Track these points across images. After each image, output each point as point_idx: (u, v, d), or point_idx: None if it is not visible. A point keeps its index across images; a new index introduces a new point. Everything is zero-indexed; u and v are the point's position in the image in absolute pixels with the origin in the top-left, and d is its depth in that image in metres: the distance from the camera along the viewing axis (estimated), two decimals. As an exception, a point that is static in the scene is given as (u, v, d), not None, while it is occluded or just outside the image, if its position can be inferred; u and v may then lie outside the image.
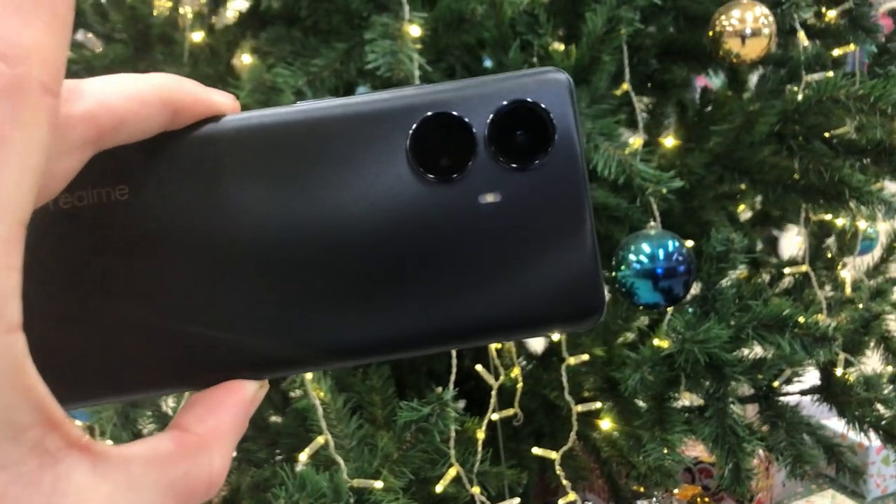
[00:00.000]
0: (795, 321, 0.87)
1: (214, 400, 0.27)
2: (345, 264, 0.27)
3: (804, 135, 1.03)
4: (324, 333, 0.27)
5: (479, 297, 0.27)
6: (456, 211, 0.27)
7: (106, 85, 0.25)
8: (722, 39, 0.91)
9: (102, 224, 0.27)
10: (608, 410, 1.11)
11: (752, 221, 1.56)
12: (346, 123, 0.28)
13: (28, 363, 0.21)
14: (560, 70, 0.28)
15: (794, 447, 1.10)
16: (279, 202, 0.27)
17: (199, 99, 0.27)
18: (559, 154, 0.28)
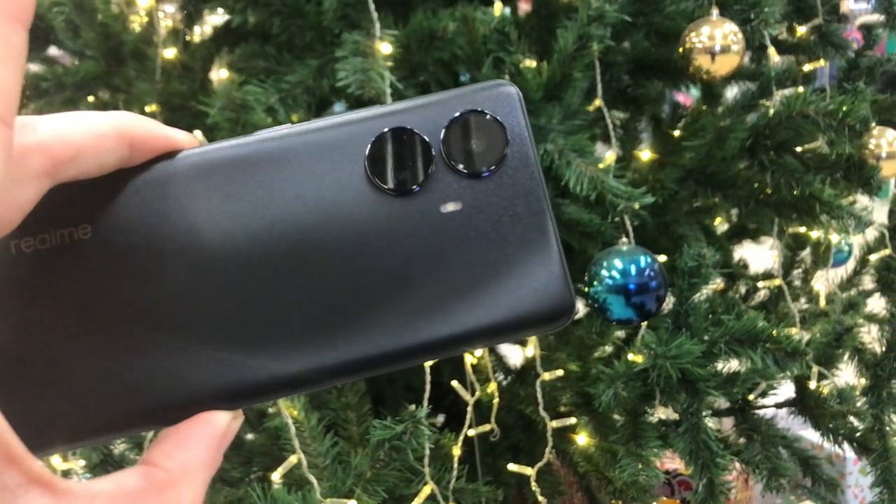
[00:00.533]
0: (768, 336, 0.87)
1: (184, 433, 0.26)
2: (311, 286, 0.27)
3: (775, 149, 1.04)
4: (294, 357, 0.27)
5: (449, 306, 0.27)
6: (418, 222, 0.28)
7: (61, 118, 0.25)
8: (692, 56, 0.92)
9: (67, 265, 0.27)
10: (584, 425, 1.11)
11: (728, 234, 1.57)
12: (303, 147, 0.28)
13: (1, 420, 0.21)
14: (509, 83, 0.29)
15: (770, 460, 1.11)
16: (242, 231, 0.27)
17: (155, 134, 0.27)
18: (514, 160, 0.28)
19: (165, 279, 0.27)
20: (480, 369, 1.11)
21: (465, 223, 0.28)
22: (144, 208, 0.27)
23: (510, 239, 0.28)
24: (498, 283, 0.27)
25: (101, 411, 0.26)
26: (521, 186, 0.28)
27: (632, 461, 0.92)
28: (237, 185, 0.28)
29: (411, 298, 0.27)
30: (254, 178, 0.28)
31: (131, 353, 0.27)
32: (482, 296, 0.27)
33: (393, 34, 0.84)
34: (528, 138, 0.29)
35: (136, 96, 1.06)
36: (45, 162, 0.24)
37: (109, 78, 1.05)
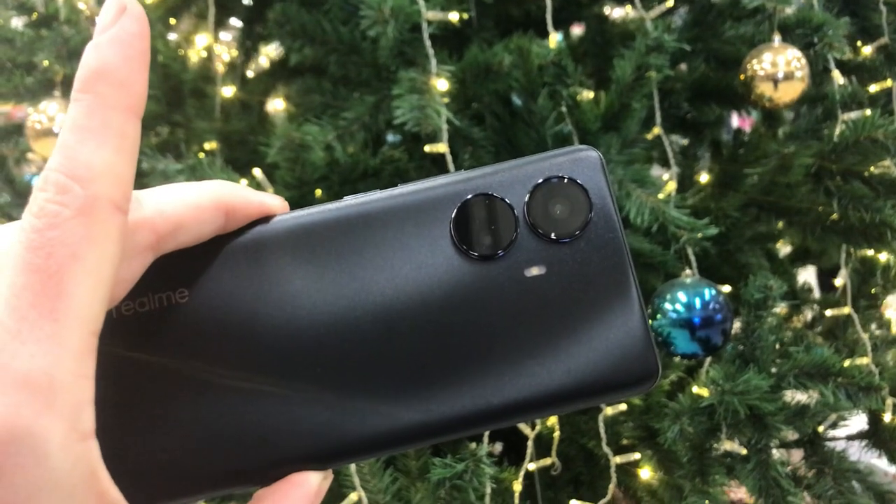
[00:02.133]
0: (839, 369, 0.85)
1: (279, 494, 0.27)
2: (401, 349, 0.28)
3: (842, 174, 1.01)
4: (384, 419, 0.27)
5: (534, 370, 0.27)
6: (503, 286, 0.28)
7: (163, 193, 0.26)
8: (754, 83, 0.90)
9: (164, 327, 0.28)
10: (648, 459, 1.09)
11: (791, 257, 1.53)
12: (390, 213, 0.29)
13: (102, 469, 0.22)
14: (591, 147, 0.30)
15: (843, 496, 1.07)
16: (332, 295, 0.28)
17: (250, 201, 0.28)
18: (598, 225, 0.29)
19: (259, 342, 0.28)
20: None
21: (550, 287, 0.28)
22: (240, 273, 0.28)
23: (594, 303, 0.28)
24: (582, 347, 0.28)
25: (199, 470, 0.27)
26: (605, 250, 0.28)
27: (698, 498, 0.90)
28: (328, 250, 0.29)
29: (497, 361, 0.28)
30: (343, 243, 0.29)
31: (227, 413, 0.27)
32: (566, 359, 0.27)
33: (449, 69, 0.84)
34: (611, 202, 0.29)
35: (196, 133, 1.07)
36: (150, 237, 0.25)
37: (170, 116, 1.07)
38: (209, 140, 1.03)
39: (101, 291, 0.22)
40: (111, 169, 0.22)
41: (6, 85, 0.93)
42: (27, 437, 0.20)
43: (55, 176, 0.22)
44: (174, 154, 0.91)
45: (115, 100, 0.22)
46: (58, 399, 0.21)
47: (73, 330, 0.21)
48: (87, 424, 0.22)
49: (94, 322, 0.22)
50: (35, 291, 0.21)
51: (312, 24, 0.93)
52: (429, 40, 0.84)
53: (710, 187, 1.14)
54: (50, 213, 0.21)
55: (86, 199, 0.21)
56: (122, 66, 0.23)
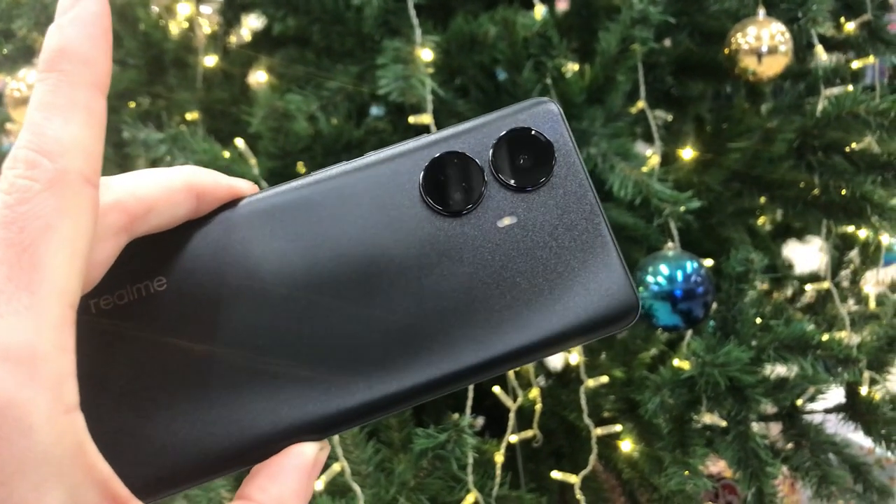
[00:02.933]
0: (818, 342, 0.85)
1: (275, 467, 0.27)
2: (382, 313, 0.28)
3: (824, 150, 1.02)
4: (373, 384, 0.28)
5: (516, 317, 0.28)
6: (477, 239, 0.29)
7: (134, 176, 0.27)
8: (738, 57, 0.90)
9: (146, 317, 0.28)
10: (629, 432, 1.10)
11: (773, 233, 1.54)
12: (359, 181, 0.30)
13: (89, 441, 0.22)
14: (549, 99, 0.31)
15: (820, 467, 1.08)
16: (309, 268, 0.29)
17: (220, 184, 0.29)
18: (562, 170, 0.29)
19: (242, 322, 0.28)
20: (522, 374, 1.10)
21: (523, 235, 0.29)
22: (215, 256, 0.29)
23: (568, 245, 0.28)
24: (561, 290, 0.28)
25: (194, 456, 0.27)
26: (572, 194, 0.29)
27: (678, 469, 0.90)
28: (300, 224, 0.29)
29: (479, 314, 0.28)
30: (316, 216, 0.29)
31: (217, 396, 0.27)
32: (547, 304, 0.28)
33: (434, 40, 0.84)
34: (573, 148, 0.30)
35: (178, 104, 1.06)
36: (122, 218, 0.26)
37: (151, 86, 1.06)
38: (191, 110, 1.02)
39: (76, 263, 0.22)
40: (79, 143, 0.22)
41: (-16, 52, 0.92)
42: (11, 408, 0.20)
43: (24, 153, 0.22)
44: (155, 124, 0.91)
45: (79, 77, 0.23)
46: (40, 370, 0.21)
47: (52, 301, 0.21)
48: (71, 396, 0.22)
49: (71, 294, 0.22)
50: (10, 265, 0.21)
51: (296, -6, 0.92)
52: (413, 10, 0.83)
53: (693, 162, 1.14)
54: (21, 188, 0.21)
55: (56, 172, 0.22)
56: (84, 44, 0.23)
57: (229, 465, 0.28)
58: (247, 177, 0.86)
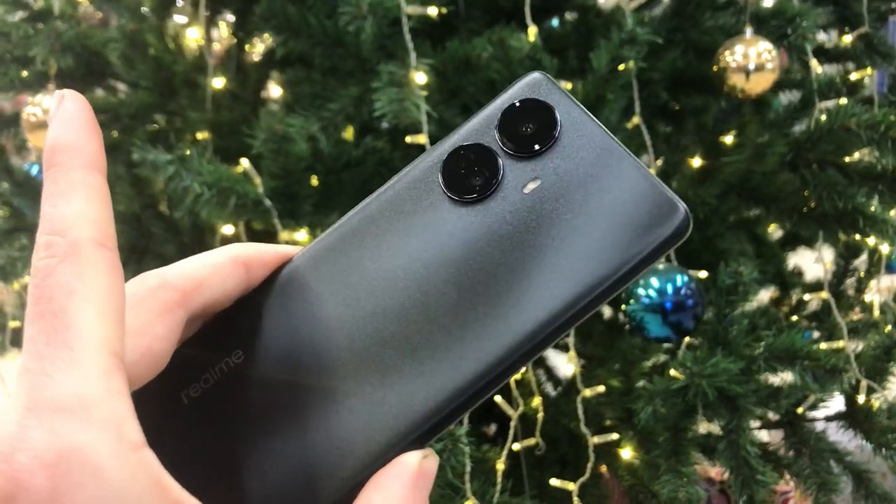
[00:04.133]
0: (806, 352, 0.87)
1: (380, 477, 0.28)
2: (451, 311, 0.29)
3: (818, 162, 1.03)
4: (460, 376, 0.28)
5: (580, 266, 0.28)
6: (512, 212, 0.29)
7: (183, 260, 0.30)
8: (726, 75, 0.92)
9: (234, 391, 0.30)
10: (629, 440, 1.12)
11: (782, 241, 1.54)
12: (387, 205, 0.31)
13: (166, 476, 0.23)
14: (535, 72, 0.31)
15: (819, 475, 1.10)
16: (365, 296, 0.30)
17: (264, 252, 0.31)
18: (568, 122, 0.30)
19: (323, 368, 0.29)
20: (525, 383, 1.12)
21: (552, 191, 0.29)
22: (280, 313, 0.31)
23: (597, 184, 0.29)
24: (609, 223, 0.28)
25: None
26: (585, 139, 0.30)
27: (672, 477, 0.93)
28: (348, 261, 0.31)
29: (544, 271, 0.28)
30: (359, 248, 0.31)
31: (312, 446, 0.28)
32: (602, 240, 0.28)
33: (428, 63, 0.87)
34: (570, 100, 0.30)
35: (190, 123, 1.10)
36: (174, 294, 0.28)
37: (163, 107, 1.10)
38: (201, 130, 1.06)
39: (108, 317, 0.24)
40: (84, 215, 0.25)
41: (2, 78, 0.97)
42: (74, 453, 0.21)
43: (42, 239, 0.24)
44: (166, 145, 0.94)
45: (72, 163, 0.25)
46: (93, 415, 0.22)
47: (89, 352, 0.23)
48: (134, 435, 0.23)
49: (109, 343, 0.23)
50: (46, 332, 0.23)
51: (297, 18, 0.95)
52: (409, 34, 0.86)
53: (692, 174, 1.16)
54: (45, 268, 0.24)
55: (68, 244, 0.24)
56: (70, 136, 0.26)
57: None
58: (251, 196, 0.90)
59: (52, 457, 0.21)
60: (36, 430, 0.22)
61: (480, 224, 0.30)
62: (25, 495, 0.21)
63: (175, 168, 0.88)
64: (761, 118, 1.22)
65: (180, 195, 0.87)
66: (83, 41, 0.98)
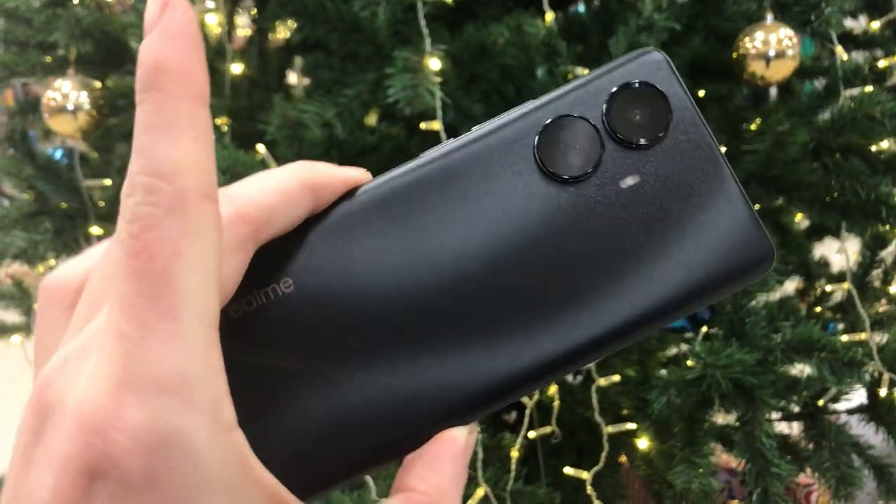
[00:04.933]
0: (823, 344, 0.86)
1: (431, 456, 0.27)
2: (519, 287, 0.28)
3: (841, 151, 1.02)
4: (517, 359, 0.27)
5: (654, 276, 0.27)
6: (602, 203, 0.28)
7: (249, 185, 0.27)
8: (746, 62, 0.90)
9: (277, 321, 0.28)
10: (645, 429, 1.11)
11: (808, 231, 1.52)
12: (471, 158, 0.29)
13: (253, 458, 0.23)
14: (654, 49, 0.29)
15: (838, 468, 1.08)
16: (434, 250, 0.28)
17: (334, 175, 0.29)
18: (680, 122, 0.28)
19: (373, 313, 0.28)
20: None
21: (649, 193, 0.28)
22: (338, 250, 0.28)
23: (695, 200, 0.28)
24: (694, 244, 0.27)
25: (347, 453, 0.27)
26: (693, 146, 0.28)
27: (686, 468, 0.92)
28: (420, 207, 0.29)
29: (617, 275, 0.27)
30: (433, 197, 0.29)
31: (358, 392, 0.27)
32: (683, 259, 0.27)
33: (442, 49, 0.86)
34: (687, 97, 0.28)
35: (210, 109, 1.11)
36: (247, 229, 0.26)
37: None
38: (219, 116, 1.06)
39: (211, 283, 0.22)
40: (192, 160, 0.22)
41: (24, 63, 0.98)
42: (174, 437, 0.20)
43: (140, 179, 0.21)
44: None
45: (178, 92, 0.22)
46: (195, 395, 0.21)
47: (194, 326, 0.21)
48: (228, 416, 0.22)
49: (211, 315, 0.22)
50: (148, 296, 0.21)
51: (314, 4, 0.95)
52: (423, 20, 0.86)
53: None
54: (143, 216, 0.21)
55: (175, 194, 0.21)
56: (177, 58, 0.22)
57: (382, 459, 0.28)
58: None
59: (151, 439, 0.20)
60: (135, 408, 0.20)
61: (570, 207, 0.28)
62: (118, 475, 0.20)
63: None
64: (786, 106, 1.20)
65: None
66: (103, 26, 0.99)
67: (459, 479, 0.27)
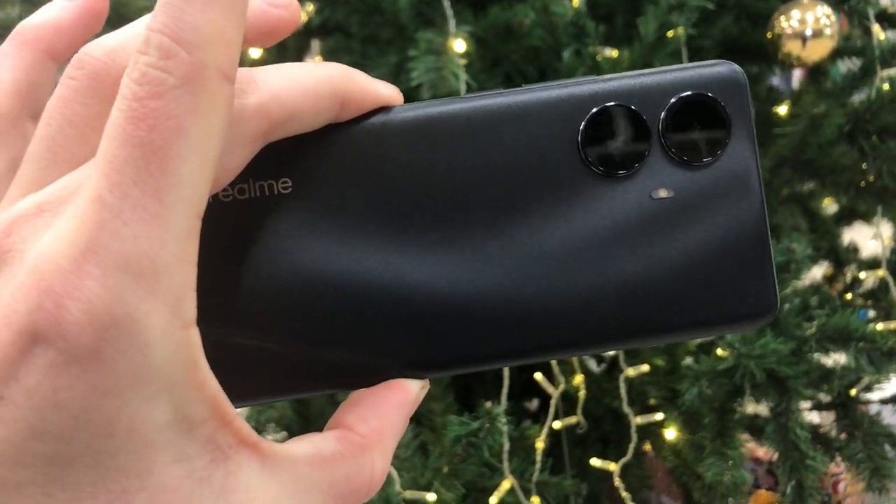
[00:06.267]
0: (861, 333, 0.83)
1: (378, 399, 0.26)
2: (510, 258, 0.27)
3: (878, 133, 0.98)
4: (489, 332, 0.27)
5: (649, 294, 0.26)
6: (627, 205, 0.27)
7: (279, 76, 0.24)
8: (781, 41, 0.87)
9: (264, 216, 0.27)
10: (673, 420, 1.09)
11: (837, 216, 1.49)
12: (514, 114, 0.27)
13: (202, 358, 0.21)
14: (734, 64, 0.27)
15: (872, 459, 1.06)
16: (446, 192, 0.27)
17: (367, 91, 0.27)
18: (734, 152, 0.27)
19: (368, 233, 0.27)
20: (567, 361, 1.10)
21: (676, 213, 0.27)
22: (350, 165, 0.27)
23: (719, 233, 0.26)
24: (700, 277, 0.26)
25: (296, 368, 0.27)
26: (739, 181, 0.27)
27: (717, 459, 0.90)
28: (446, 144, 0.27)
29: (607, 282, 0.26)
30: (464, 139, 0.27)
31: (326, 309, 0.26)
32: (685, 287, 0.26)
33: (468, 30, 0.84)
34: (751, 129, 0.27)
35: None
36: (263, 125, 0.24)
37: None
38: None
39: (207, 170, 0.20)
40: (220, 33, 0.20)
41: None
42: (129, 322, 0.19)
43: (158, 38, 0.20)
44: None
45: None
46: (161, 284, 0.20)
47: (178, 211, 0.20)
48: (189, 312, 0.21)
49: (198, 204, 0.20)
50: (138, 167, 0.19)
51: (335, -14, 0.93)
52: (447, 0, 0.84)
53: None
54: (153, 80, 0.19)
55: (192, 65, 0.20)
56: None
57: (330, 387, 0.27)
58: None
59: (104, 318, 0.19)
60: (96, 280, 0.19)
61: (590, 196, 0.27)
62: (63, 346, 0.19)
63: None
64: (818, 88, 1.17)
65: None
66: (118, 10, 0.97)
67: (399, 428, 0.26)
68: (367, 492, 0.25)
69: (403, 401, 0.26)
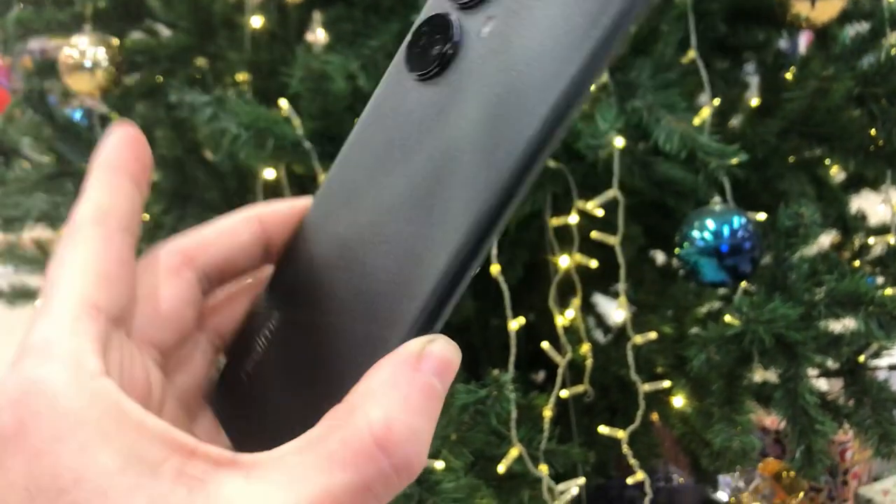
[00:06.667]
0: (871, 298, 0.83)
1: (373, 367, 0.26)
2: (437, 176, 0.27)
3: (887, 97, 0.97)
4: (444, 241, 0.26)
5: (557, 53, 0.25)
6: (475, 61, 0.27)
7: (199, 229, 0.31)
8: (790, 3, 0.86)
9: (276, 351, 0.31)
10: (681, 387, 1.09)
11: (845, 184, 1.48)
12: (368, 114, 0.30)
13: (127, 401, 0.24)
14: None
15: (881, 425, 1.05)
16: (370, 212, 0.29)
17: (276, 204, 0.32)
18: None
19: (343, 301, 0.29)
20: (573, 329, 1.09)
21: (508, 24, 0.27)
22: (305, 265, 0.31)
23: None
24: (566, 25, 0.25)
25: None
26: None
27: (726, 426, 0.90)
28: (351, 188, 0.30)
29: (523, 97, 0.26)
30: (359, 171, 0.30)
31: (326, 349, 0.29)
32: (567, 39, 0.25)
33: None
34: None
35: (229, 64, 1.08)
36: (178, 257, 0.30)
37: (202, 48, 1.07)
38: (240, 71, 1.04)
39: (88, 275, 0.26)
40: (91, 200, 0.28)
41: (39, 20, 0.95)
42: (33, 385, 0.23)
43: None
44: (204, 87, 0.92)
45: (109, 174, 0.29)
46: (53, 350, 0.23)
47: (62, 302, 0.25)
48: (92, 366, 0.24)
49: (86, 295, 0.25)
50: (42, 297, 0.25)
51: (336, -48, 0.92)
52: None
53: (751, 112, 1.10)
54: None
55: (70, 226, 0.27)
56: (112, 154, 0.30)
57: None
58: (289, 137, 0.87)
59: (16, 393, 0.23)
60: (8, 373, 0.23)
61: (458, 83, 0.27)
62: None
63: (212, 109, 0.85)
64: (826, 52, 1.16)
65: (218, 137, 0.85)
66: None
67: (402, 382, 0.24)
68: (374, 442, 0.23)
69: (394, 358, 0.25)
